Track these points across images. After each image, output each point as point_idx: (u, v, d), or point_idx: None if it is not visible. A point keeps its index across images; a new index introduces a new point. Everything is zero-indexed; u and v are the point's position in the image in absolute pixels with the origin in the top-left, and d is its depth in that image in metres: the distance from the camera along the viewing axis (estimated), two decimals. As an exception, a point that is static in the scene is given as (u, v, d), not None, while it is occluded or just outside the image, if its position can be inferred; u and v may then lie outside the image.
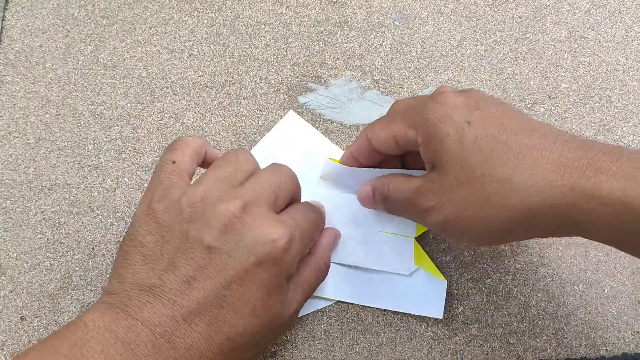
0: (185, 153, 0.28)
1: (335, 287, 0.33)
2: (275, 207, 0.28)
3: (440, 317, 0.33)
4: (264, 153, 0.36)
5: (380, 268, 0.33)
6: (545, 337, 0.33)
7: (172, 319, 0.24)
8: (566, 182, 0.23)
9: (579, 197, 0.23)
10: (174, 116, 0.37)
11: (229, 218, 0.25)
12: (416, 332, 0.33)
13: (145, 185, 0.35)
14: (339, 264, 0.34)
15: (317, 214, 0.31)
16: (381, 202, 0.31)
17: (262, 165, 0.31)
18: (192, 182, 0.28)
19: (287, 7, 0.40)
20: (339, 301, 0.33)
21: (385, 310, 0.33)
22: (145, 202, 0.27)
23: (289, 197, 0.29)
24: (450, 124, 0.26)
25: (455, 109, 0.27)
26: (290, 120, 0.37)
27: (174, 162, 0.28)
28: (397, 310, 0.33)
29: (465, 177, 0.26)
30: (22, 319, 0.33)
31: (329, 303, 0.33)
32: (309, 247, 0.30)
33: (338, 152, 0.36)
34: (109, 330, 0.23)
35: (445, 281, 0.34)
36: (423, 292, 0.33)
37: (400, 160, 0.34)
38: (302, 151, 0.36)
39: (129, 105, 0.37)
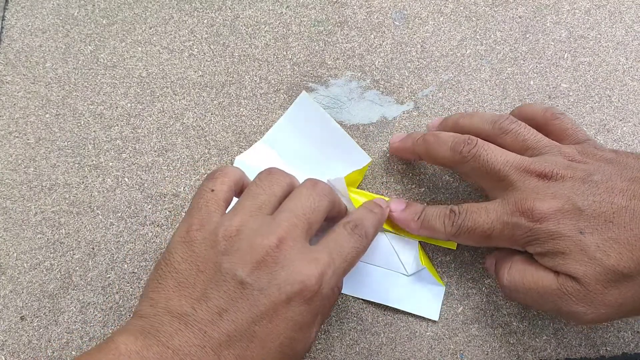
0: (224, 182, 0.29)
1: None
2: (310, 234, 0.28)
3: (436, 319, 0.33)
4: (279, 137, 0.36)
5: (384, 266, 0.34)
6: (545, 337, 0.33)
7: (202, 349, 0.24)
8: None
9: None
10: (174, 116, 0.37)
11: (263, 256, 0.26)
12: (416, 332, 0.33)
13: (145, 185, 0.35)
14: None
15: (361, 238, 0.29)
16: (497, 275, 0.31)
17: (279, 150, 0.31)
18: (228, 211, 0.28)
19: (287, 7, 0.40)
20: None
21: (385, 310, 0.33)
22: (184, 228, 0.27)
23: (324, 216, 0.29)
24: (565, 239, 0.27)
25: (559, 222, 0.27)
26: (303, 102, 0.36)
27: (212, 191, 0.28)
28: (394, 307, 0.33)
29: (608, 279, 0.26)
30: (22, 319, 0.33)
31: None
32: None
33: (348, 139, 0.35)
34: (141, 356, 0.23)
35: (444, 286, 0.34)
36: (421, 294, 0.33)
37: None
38: (316, 136, 0.36)
39: (129, 105, 0.37)
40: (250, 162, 0.35)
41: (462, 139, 0.31)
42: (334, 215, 0.31)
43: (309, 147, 0.35)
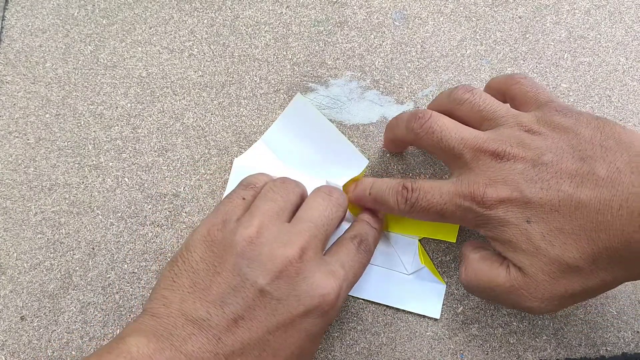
0: (255, 195, 0.29)
1: None
2: (325, 245, 0.28)
3: (438, 317, 0.33)
4: (275, 140, 0.36)
5: (384, 265, 0.34)
6: (545, 337, 0.33)
7: (214, 355, 0.24)
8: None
9: None
10: (174, 116, 0.37)
11: (285, 265, 0.25)
12: (416, 332, 0.33)
13: (145, 185, 0.35)
14: None
15: (366, 254, 0.30)
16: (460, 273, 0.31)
17: (276, 152, 0.32)
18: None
19: (287, 7, 0.40)
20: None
21: (385, 310, 0.33)
22: (206, 227, 0.27)
23: (336, 227, 0.30)
24: (512, 227, 0.26)
25: (507, 210, 0.27)
26: (299, 104, 0.36)
27: (244, 199, 0.29)
28: (396, 307, 0.33)
29: (554, 270, 0.26)
30: (22, 319, 0.33)
31: None
32: None
33: (345, 141, 0.35)
34: None
35: (445, 284, 0.34)
36: (422, 292, 0.33)
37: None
38: (313, 138, 0.35)
39: (129, 105, 0.37)
40: (250, 164, 0.35)
41: (414, 113, 0.30)
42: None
43: (306, 149, 0.35)
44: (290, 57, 0.39)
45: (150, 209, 0.35)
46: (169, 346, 0.23)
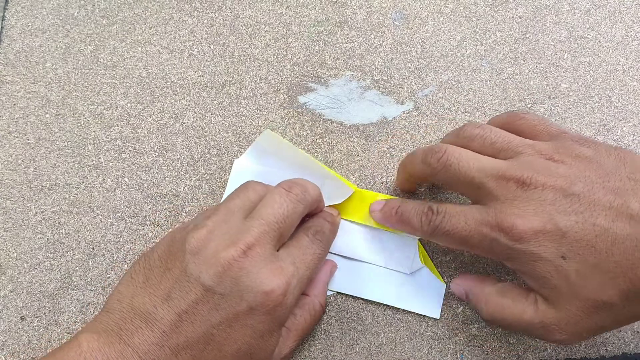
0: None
1: (337, 279, 0.33)
2: (280, 241, 0.28)
3: (437, 317, 0.33)
4: (244, 172, 0.35)
5: (384, 265, 0.34)
6: (545, 337, 0.33)
7: (160, 348, 0.24)
8: None
9: None
10: (174, 116, 0.37)
11: (229, 260, 0.26)
12: (416, 332, 0.33)
13: (145, 185, 0.35)
14: (343, 256, 0.34)
15: (322, 244, 0.30)
16: (474, 307, 0.30)
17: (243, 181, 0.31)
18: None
19: (287, 7, 0.40)
20: (339, 293, 0.33)
21: (385, 310, 0.33)
22: (174, 230, 0.29)
23: (299, 221, 0.29)
24: (545, 262, 0.25)
25: (540, 244, 0.25)
26: (267, 139, 0.35)
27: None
28: (396, 306, 0.33)
29: (588, 307, 0.25)
30: (22, 319, 0.33)
31: (329, 293, 0.33)
32: (307, 285, 0.29)
33: (318, 168, 0.35)
34: (101, 352, 0.24)
35: (445, 284, 0.34)
36: (422, 292, 0.33)
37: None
38: (283, 169, 0.35)
39: (129, 105, 0.37)
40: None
41: (430, 148, 0.29)
42: (313, 213, 0.32)
43: (278, 178, 0.34)
44: (290, 57, 0.39)
45: (150, 209, 0.35)
46: (117, 340, 0.24)
